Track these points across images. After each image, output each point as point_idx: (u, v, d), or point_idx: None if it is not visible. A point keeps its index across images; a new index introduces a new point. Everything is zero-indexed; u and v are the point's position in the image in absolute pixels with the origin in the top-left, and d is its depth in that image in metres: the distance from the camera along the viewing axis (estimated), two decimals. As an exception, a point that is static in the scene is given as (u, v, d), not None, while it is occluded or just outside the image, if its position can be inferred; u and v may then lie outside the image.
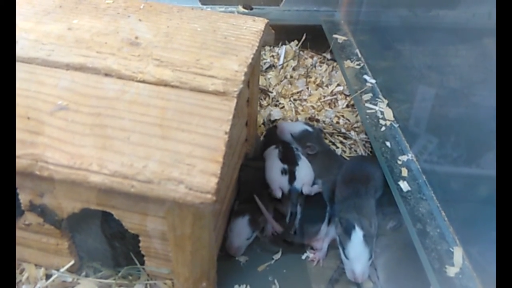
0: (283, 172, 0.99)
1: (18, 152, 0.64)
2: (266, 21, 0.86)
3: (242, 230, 0.91)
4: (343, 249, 0.86)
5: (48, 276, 0.83)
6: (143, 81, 0.70)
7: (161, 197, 0.61)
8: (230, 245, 0.91)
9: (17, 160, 0.64)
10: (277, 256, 0.93)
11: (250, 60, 0.74)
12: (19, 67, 0.72)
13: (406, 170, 0.95)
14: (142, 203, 0.67)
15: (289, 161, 1.01)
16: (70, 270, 0.82)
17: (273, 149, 1.06)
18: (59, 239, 0.79)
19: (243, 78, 0.70)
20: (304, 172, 1.00)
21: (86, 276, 0.84)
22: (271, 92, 1.37)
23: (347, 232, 0.85)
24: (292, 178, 0.98)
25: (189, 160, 0.62)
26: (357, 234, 0.85)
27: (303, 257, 0.93)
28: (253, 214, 0.93)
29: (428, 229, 0.82)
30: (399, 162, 0.97)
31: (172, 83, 0.69)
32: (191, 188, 0.60)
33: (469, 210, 0.83)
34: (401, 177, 0.93)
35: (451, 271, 0.75)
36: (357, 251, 0.84)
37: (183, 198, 0.60)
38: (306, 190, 0.97)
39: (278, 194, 0.96)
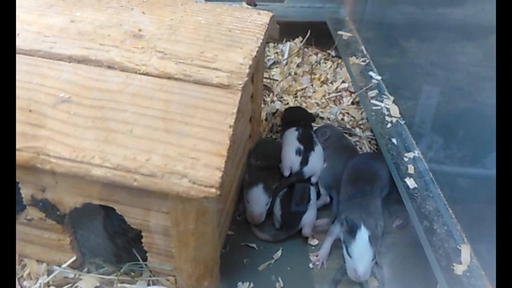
0: (298, 152, 1.01)
1: (20, 145, 0.63)
2: (271, 14, 0.85)
3: (260, 198, 0.94)
4: (347, 247, 0.85)
5: (49, 272, 0.82)
6: (147, 74, 0.69)
7: (164, 191, 0.60)
8: (252, 214, 0.93)
9: (18, 153, 0.63)
10: (277, 255, 0.91)
11: (255, 53, 0.72)
12: (21, 59, 0.71)
13: (412, 167, 0.93)
14: (145, 197, 0.66)
15: (306, 144, 1.03)
16: (72, 266, 0.82)
17: (294, 131, 1.08)
18: (61, 234, 0.78)
19: (248, 71, 0.69)
20: (317, 160, 1.03)
21: (88, 272, 0.83)
22: (276, 80, 1.36)
23: (353, 231, 0.84)
24: (304, 162, 1.01)
25: (193, 154, 0.61)
26: (363, 234, 0.83)
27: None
28: (266, 181, 0.96)
29: (435, 227, 0.81)
30: (406, 159, 0.96)
31: (176, 75, 0.68)
32: (195, 182, 0.59)
33: (476, 208, 0.82)
34: (407, 174, 0.92)
35: (459, 269, 0.74)
36: (361, 251, 0.83)
37: (186, 192, 0.60)
38: (314, 180, 1.02)
39: (286, 173, 1.00)
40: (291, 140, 1.05)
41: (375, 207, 0.91)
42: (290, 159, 1.01)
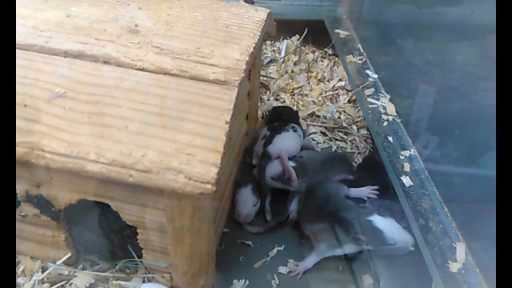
0: (263, 138, 1.01)
1: (14, 140, 0.63)
2: (268, 10, 0.84)
3: (247, 199, 0.94)
4: (387, 245, 0.82)
5: (44, 269, 0.82)
6: (143, 69, 0.68)
7: (160, 187, 0.60)
8: (239, 214, 0.94)
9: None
10: (273, 253, 0.91)
11: (251, 49, 0.72)
12: (17, 54, 0.70)
13: (408, 165, 0.93)
14: (141, 193, 0.66)
15: (273, 130, 1.02)
16: (66, 263, 0.81)
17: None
18: (56, 231, 0.77)
19: (244, 67, 0.69)
20: (285, 140, 1.00)
21: (83, 269, 0.82)
22: (273, 78, 1.36)
23: (374, 231, 0.82)
24: (267, 143, 0.98)
25: (189, 150, 0.61)
26: (379, 220, 0.82)
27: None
28: (256, 183, 0.96)
29: (430, 225, 0.81)
30: (401, 157, 0.96)
31: (172, 71, 0.68)
32: (191, 178, 0.59)
33: (472, 206, 0.82)
34: (403, 172, 0.92)
35: (454, 267, 0.74)
36: (394, 230, 0.82)
37: (182, 188, 0.59)
38: (284, 155, 0.95)
39: (254, 161, 0.99)
40: (261, 132, 1.05)
41: (347, 206, 0.89)
42: (257, 147, 1.00)
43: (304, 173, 0.94)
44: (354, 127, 1.25)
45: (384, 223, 0.82)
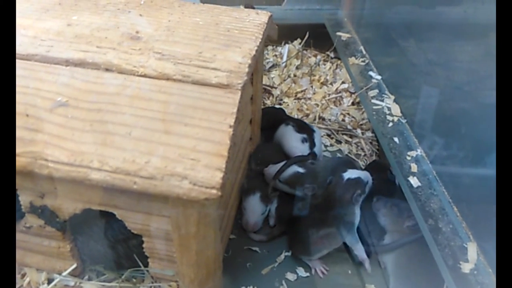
0: (304, 140, 1.03)
1: (17, 150, 0.62)
2: (269, 14, 0.84)
3: (255, 207, 0.93)
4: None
5: (50, 281, 0.81)
6: (145, 75, 0.68)
7: (165, 193, 0.59)
8: (247, 222, 0.93)
9: (16, 158, 0.62)
10: (280, 259, 0.90)
11: (254, 52, 0.72)
12: (18, 64, 0.70)
13: (415, 166, 0.92)
14: (145, 201, 0.65)
15: (306, 131, 1.05)
16: (72, 274, 0.81)
17: (285, 126, 1.07)
18: (61, 242, 0.77)
19: (247, 70, 0.68)
20: (320, 140, 1.07)
21: (89, 279, 0.82)
22: (275, 88, 1.36)
23: (356, 181, 0.87)
24: (312, 145, 1.03)
25: (193, 155, 0.60)
26: (354, 173, 0.88)
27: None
28: (264, 190, 0.95)
29: (440, 225, 0.80)
30: (408, 158, 0.95)
31: (174, 76, 0.68)
32: (196, 183, 0.58)
33: (482, 205, 0.81)
34: (410, 173, 0.91)
35: (466, 267, 0.72)
36: (362, 173, 0.89)
37: (187, 194, 0.58)
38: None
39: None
40: (291, 134, 1.05)
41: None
42: (299, 148, 1.01)
43: (313, 180, 0.94)
44: (359, 129, 1.24)
45: (356, 172, 0.89)
